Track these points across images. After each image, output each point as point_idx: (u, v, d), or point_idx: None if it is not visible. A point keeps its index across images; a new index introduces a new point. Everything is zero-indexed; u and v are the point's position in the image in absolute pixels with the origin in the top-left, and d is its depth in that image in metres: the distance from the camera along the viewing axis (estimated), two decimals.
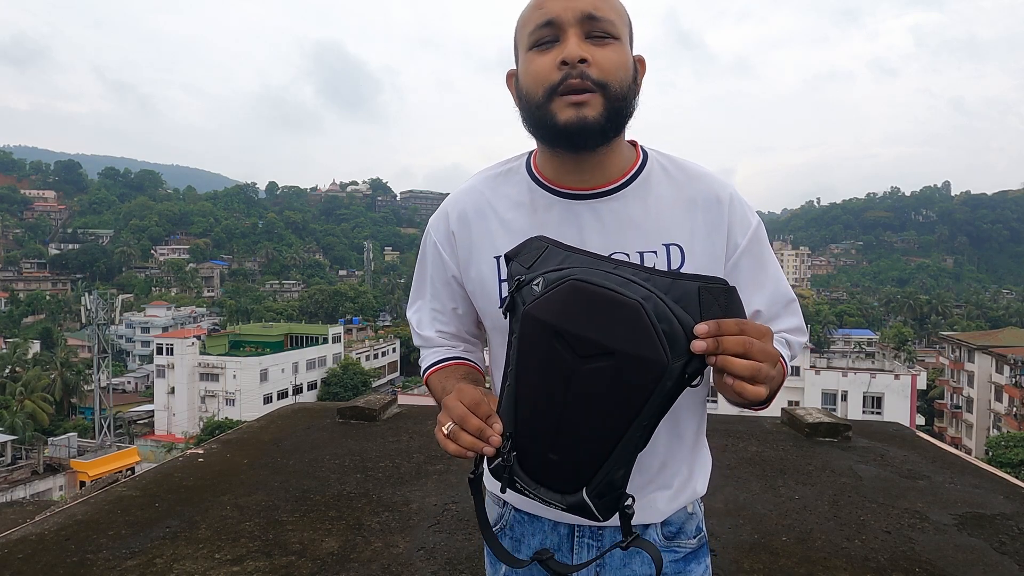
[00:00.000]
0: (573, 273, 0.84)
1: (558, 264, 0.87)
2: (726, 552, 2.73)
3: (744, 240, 1.07)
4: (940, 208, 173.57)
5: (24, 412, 35.11)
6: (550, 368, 0.83)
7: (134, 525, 2.91)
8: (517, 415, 0.86)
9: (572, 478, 0.84)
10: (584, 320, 0.80)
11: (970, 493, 3.40)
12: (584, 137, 0.97)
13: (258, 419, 4.92)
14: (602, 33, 0.98)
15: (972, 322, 74.17)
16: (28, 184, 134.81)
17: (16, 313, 78.64)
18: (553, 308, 0.83)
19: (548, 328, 0.82)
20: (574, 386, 0.81)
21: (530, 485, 0.87)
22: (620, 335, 0.79)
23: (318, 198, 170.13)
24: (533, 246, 0.92)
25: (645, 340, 0.78)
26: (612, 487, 0.83)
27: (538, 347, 0.84)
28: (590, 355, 0.80)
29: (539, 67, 0.98)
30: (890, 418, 17.03)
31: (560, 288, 0.83)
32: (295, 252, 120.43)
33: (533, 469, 0.87)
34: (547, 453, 0.84)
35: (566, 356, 0.81)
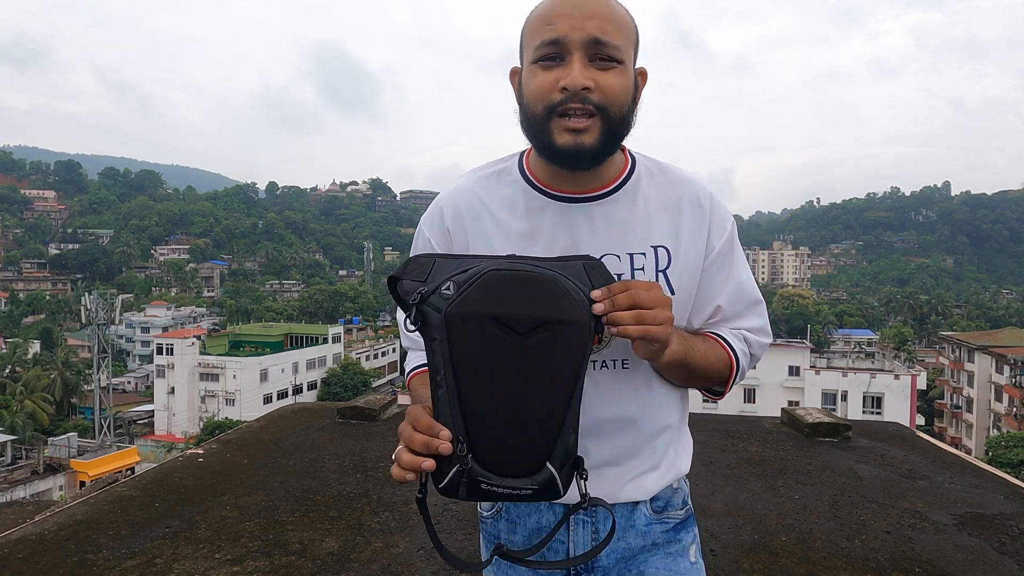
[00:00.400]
0: (483, 267, 0.88)
1: (456, 269, 0.90)
2: (726, 552, 2.74)
3: (719, 243, 1.13)
4: (940, 208, 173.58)
5: (24, 412, 35.11)
6: (493, 354, 0.85)
7: (134, 525, 2.91)
8: (465, 414, 0.86)
9: (535, 455, 0.87)
10: (513, 300, 0.85)
11: (970, 493, 3.40)
12: (579, 160, 1.02)
13: (258, 419, 4.92)
14: (607, 58, 0.99)
15: (972, 322, 74.17)
16: (28, 184, 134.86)
17: (16, 313, 78.64)
18: (479, 298, 0.85)
19: (480, 317, 0.85)
20: (523, 363, 0.85)
21: (495, 480, 0.86)
22: (549, 306, 0.86)
23: (318, 198, 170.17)
24: (420, 262, 0.93)
25: (570, 306, 0.87)
26: (568, 453, 0.89)
27: (473, 339, 0.85)
28: (529, 330, 0.85)
29: (541, 84, 1.00)
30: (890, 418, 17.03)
31: (481, 280, 0.86)
32: (295, 252, 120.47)
33: (494, 461, 0.87)
34: (507, 440, 0.86)
35: (506, 337, 0.84)
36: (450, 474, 0.86)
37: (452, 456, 0.85)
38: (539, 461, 0.87)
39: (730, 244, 1.14)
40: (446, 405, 0.86)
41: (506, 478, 0.87)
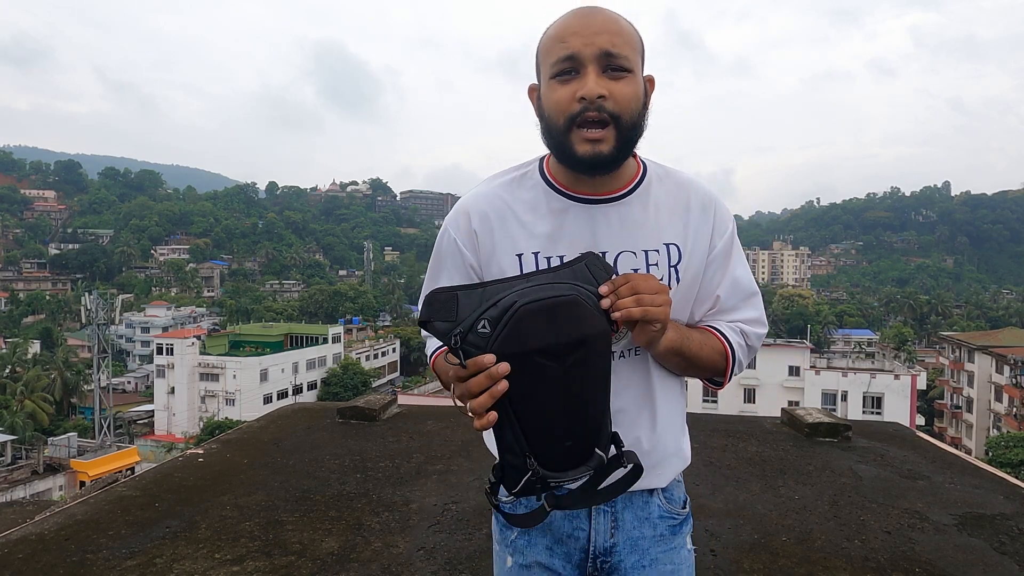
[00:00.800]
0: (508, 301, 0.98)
1: (483, 304, 0.99)
2: (726, 552, 2.74)
3: (721, 241, 1.25)
4: (940, 208, 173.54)
5: (24, 412, 35.12)
6: (544, 383, 0.98)
7: (134, 525, 2.91)
8: (526, 433, 1.00)
9: (587, 448, 1.03)
10: (548, 331, 0.97)
11: (970, 493, 3.40)
12: (598, 167, 1.13)
13: (258, 419, 4.92)
14: (618, 68, 1.10)
15: (972, 322, 74.17)
16: (28, 184, 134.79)
17: (16, 313, 78.63)
18: (519, 337, 0.96)
19: (528, 354, 0.96)
20: (567, 381, 0.98)
21: (560, 476, 1.02)
22: (579, 327, 0.99)
23: (318, 198, 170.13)
24: (441, 300, 1.01)
25: (594, 320, 1.01)
26: (608, 436, 1.06)
27: (523, 372, 0.96)
28: (568, 353, 0.98)
29: (560, 98, 1.11)
30: (890, 418, 17.04)
31: (515, 318, 0.97)
32: (295, 252, 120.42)
33: (556, 463, 1.02)
34: (563, 443, 1.01)
35: (553, 365, 0.97)
36: (523, 481, 1.01)
37: (521, 467, 1.01)
38: (590, 450, 1.03)
39: (730, 242, 1.26)
40: (507, 429, 1.00)
41: (567, 472, 1.03)
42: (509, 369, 0.95)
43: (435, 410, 5.14)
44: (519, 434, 1.00)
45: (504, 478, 1.04)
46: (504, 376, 0.96)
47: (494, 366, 0.95)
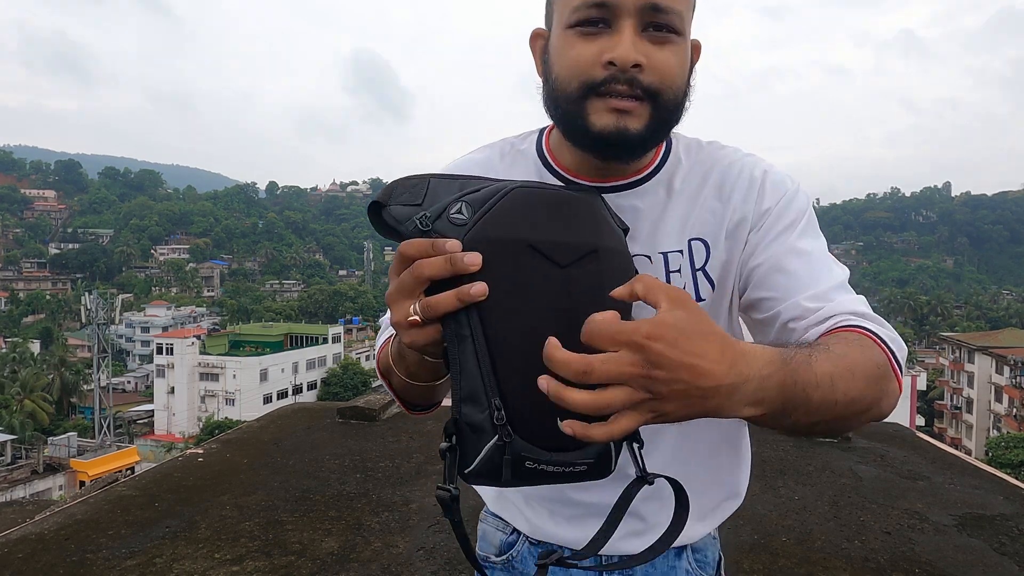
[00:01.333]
0: (506, 185, 0.70)
1: (462, 189, 0.71)
2: (726, 552, 2.73)
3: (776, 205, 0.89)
4: (940, 209, 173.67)
5: (24, 411, 35.14)
6: (530, 291, 0.66)
7: (134, 525, 2.91)
8: (499, 372, 0.64)
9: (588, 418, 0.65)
10: (553, 225, 0.69)
11: (970, 494, 3.40)
12: (620, 150, 0.82)
13: (258, 419, 4.93)
14: (664, 27, 0.79)
15: (972, 323, 74.22)
16: (28, 184, 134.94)
17: (16, 313, 78.67)
18: (507, 222, 0.67)
19: (512, 245, 0.66)
20: (569, 301, 0.67)
21: (542, 456, 0.66)
22: (594, 231, 0.71)
23: (318, 198, 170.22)
24: (410, 182, 0.74)
25: (614, 232, 0.74)
26: None
27: (506, 273, 0.65)
28: (574, 260, 0.68)
29: (579, 56, 0.79)
30: (890, 419, 17.02)
31: (507, 197, 0.68)
32: (295, 252, 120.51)
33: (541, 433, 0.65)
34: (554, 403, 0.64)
35: (548, 270, 0.67)
36: (483, 451, 0.64)
37: (484, 426, 0.64)
38: None
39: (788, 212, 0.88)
40: (473, 359, 0.64)
41: (555, 452, 0.66)
42: (479, 260, 0.63)
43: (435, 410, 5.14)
44: (489, 371, 0.64)
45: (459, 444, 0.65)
46: (473, 269, 0.63)
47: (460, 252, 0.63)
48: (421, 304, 0.64)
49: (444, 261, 0.63)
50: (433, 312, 0.63)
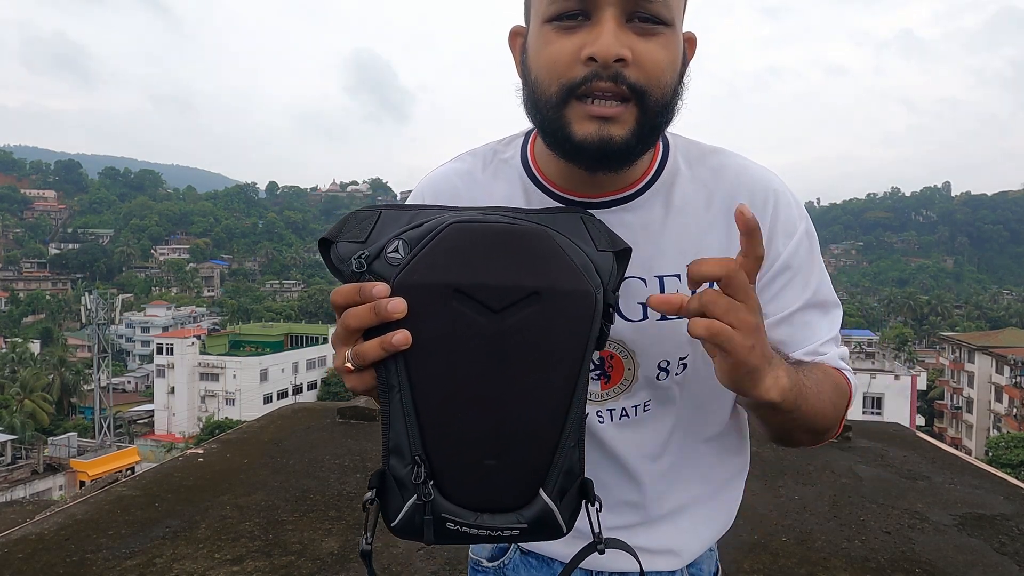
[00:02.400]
0: (445, 219, 0.64)
1: (408, 224, 0.66)
2: (726, 552, 2.73)
3: (788, 246, 0.85)
4: (940, 208, 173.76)
5: (24, 412, 35.15)
6: (459, 341, 0.61)
7: (134, 525, 2.91)
8: (423, 426, 0.61)
9: (524, 480, 0.63)
10: (487, 265, 0.61)
11: (970, 494, 3.40)
12: (605, 159, 0.74)
13: (258, 419, 4.93)
14: (651, 18, 0.72)
15: (972, 322, 74.27)
16: (28, 184, 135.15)
17: (16, 313, 78.73)
18: (438, 263, 0.61)
19: (440, 290, 0.61)
20: (502, 351, 0.61)
21: (467, 517, 0.62)
22: (537, 270, 0.62)
23: (318, 198, 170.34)
24: (360, 216, 0.69)
25: (566, 271, 0.63)
26: (572, 475, 0.64)
27: (432, 320, 0.61)
28: (509, 304, 0.61)
29: (557, 54, 0.72)
30: (890, 419, 17.04)
31: (440, 237, 0.62)
32: (295, 252, 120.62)
33: (466, 493, 0.62)
34: (482, 460, 0.62)
35: (477, 317, 0.61)
36: (404, 508, 0.62)
37: (406, 483, 0.61)
38: (529, 488, 0.63)
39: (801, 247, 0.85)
40: (399, 410, 0.62)
41: (483, 514, 0.62)
42: (404, 307, 0.59)
43: None
44: (413, 424, 0.61)
45: (383, 498, 0.63)
46: (397, 316, 0.59)
47: (386, 298, 0.60)
48: (352, 352, 0.62)
49: (369, 310, 0.60)
50: (362, 361, 0.61)
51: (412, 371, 0.61)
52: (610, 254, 0.68)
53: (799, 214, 0.86)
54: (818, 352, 0.86)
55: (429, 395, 0.62)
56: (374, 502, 0.63)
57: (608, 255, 0.68)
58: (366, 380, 0.63)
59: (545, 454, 0.63)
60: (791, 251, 0.84)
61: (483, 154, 0.91)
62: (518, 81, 0.81)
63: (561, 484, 0.63)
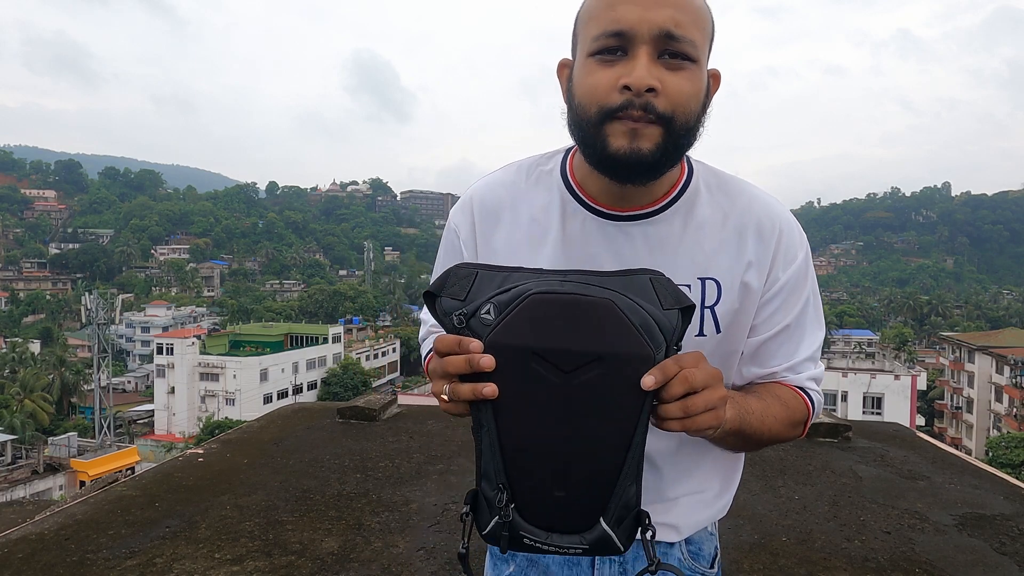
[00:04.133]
0: (528, 288, 0.77)
1: (499, 287, 0.80)
2: (726, 552, 2.73)
3: (786, 273, 0.98)
4: (940, 208, 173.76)
5: (24, 411, 35.15)
6: (536, 395, 0.75)
7: (134, 525, 2.91)
8: (506, 460, 0.77)
9: (586, 510, 0.77)
10: (559, 332, 0.75)
11: (970, 494, 3.40)
12: (635, 171, 0.87)
13: (258, 419, 4.93)
14: (679, 55, 0.85)
15: (972, 322, 74.24)
16: (28, 184, 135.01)
17: (16, 313, 78.69)
18: (520, 329, 0.75)
19: (521, 352, 0.75)
20: (570, 405, 0.75)
21: (540, 535, 0.78)
22: (601, 337, 0.75)
23: (318, 198, 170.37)
24: (460, 274, 0.83)
25: (626, 336, 0.75)
26: (628, 507, 0.78)
27: (515, 377, 0.75)
28: (577, 367, 0.74)
29: (598, 83, 0.86)
30: (890, 418, 17.05)
31: (522, 306, 0.76)
32: (295, 252, 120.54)
33: (539, 515, 0.77)
34: (552, 491, 0.77)
35: (550, 376, 0.75)
36: (491, 524, 0.78)
37: (493, 503, 0.78)
38: (592, 516, 0.77)
39: (799, 275, 0.98)
40: (488, 445, 0.78)
41: (552, 534, 0.78)
42: (492, 363, 0.74)
43: (435, 410, 5.14)
44: (498, 458, 0.77)
45: (475, 510, 0.81)
46: (487, 370, 0.74)
47: (478, 354, 0.75)
48: (449, 388, 0.79)
49: (464, 361, 0.76)
50: (456, 397, 0.78)
51: (498, 416, 0.77)
52: (675, 311, 0.78)
53: (800, 243, 0.99)
54: (795, 369, 1.00)
55: (511, 436, 0.77)
56: (469, 515, 0.80)
57: (673, 312, 0.78)
58: (459, 407, 0.80)
59: (605, 490, 0.76)
60: (788, 277, 0.98)
61: (527, 166, 1.04)
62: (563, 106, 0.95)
63: (619, 514, 0.77)
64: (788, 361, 1.00)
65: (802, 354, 1.00)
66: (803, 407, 1.00)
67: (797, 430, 1.00)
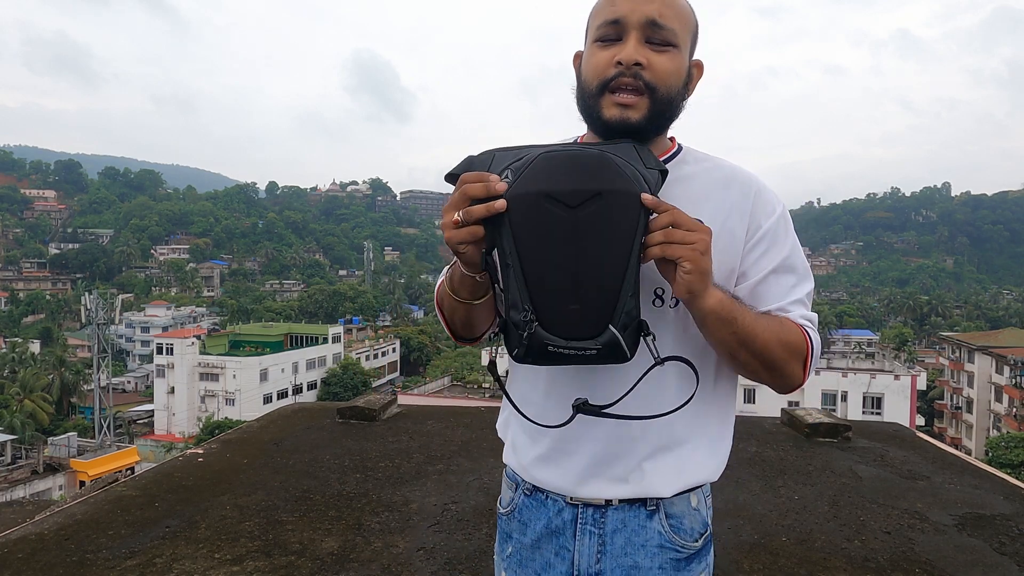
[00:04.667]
0: (537, 152, 0.95)
1: (514, 158, 0.97)
2: (726, 552, 2.73)
3: (768, 222, 1.13)
4: (940, 208, 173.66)
5: (24, 411, 35.14)
6: (551, 228, 0.92)
7: (134, 525, 2.91)
8: (529, 286, 0.94)
9: (597, 318, 0.93)
10: (565, 178, 0.92)
11: (970, 494, 3.40)
12: (625, 135, 1.06)
13: (258, 419, 4.92)
14: (662, 41, 1.05)
15: (972, 322, 74.21)
16: (28, 184, 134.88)
17: (16, 313, 78.64)
18: (534, 179, 0.92)
19: (536, 196, 0.92)
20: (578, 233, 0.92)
21: (560, 343, 0.93)
22: (597, 178, 0.92)
23: (318, 198, 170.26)
24: (480, 158, 1.00)
25: (618, 177, 0.93)
26: (631, 316, 0.94)
27: (532, 217, 0.92)
28: (581, 202, 0.91)
29: (598, 61, 1.07)
30: (890, 419, 17.03)
31: (533, 164, 0.94)
32: (295, 252, 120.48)
33: (559, 326, 0.93)
34: (568, 306, 0.93)
35: (560, 212, 0.92)
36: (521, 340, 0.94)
37: (520, 324, 0.93)
38: (601, 324, 0.93)
39: (778, 224, 1.13)
40: (513, 280, 0.94)
41: (571, 340, 0.93)
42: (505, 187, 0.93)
43: (435, 410, 5.14)
44: (523, 286, 0.94)
45: (507, 337, 0.97)
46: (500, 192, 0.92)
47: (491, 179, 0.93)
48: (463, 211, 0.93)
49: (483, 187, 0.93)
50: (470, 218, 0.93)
51: (520, 252, 0.93)
52: (655, 171, 0.98)
53: (777, 200, 1.15)
54: (784, 309, 1.10)
55: (532, 266, 0.94)
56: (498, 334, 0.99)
57: (654, 172, 0.98)
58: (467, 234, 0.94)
59: (611, 302, 0.93)
60: (770, 226, 1.12)
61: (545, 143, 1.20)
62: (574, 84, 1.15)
63: (624, 322, 0.94)
64: (779, 302, 1.10)
65: (793, 296, 1.11)
66: (800, 335, 1.07)
67: (796, 361, 1.07)
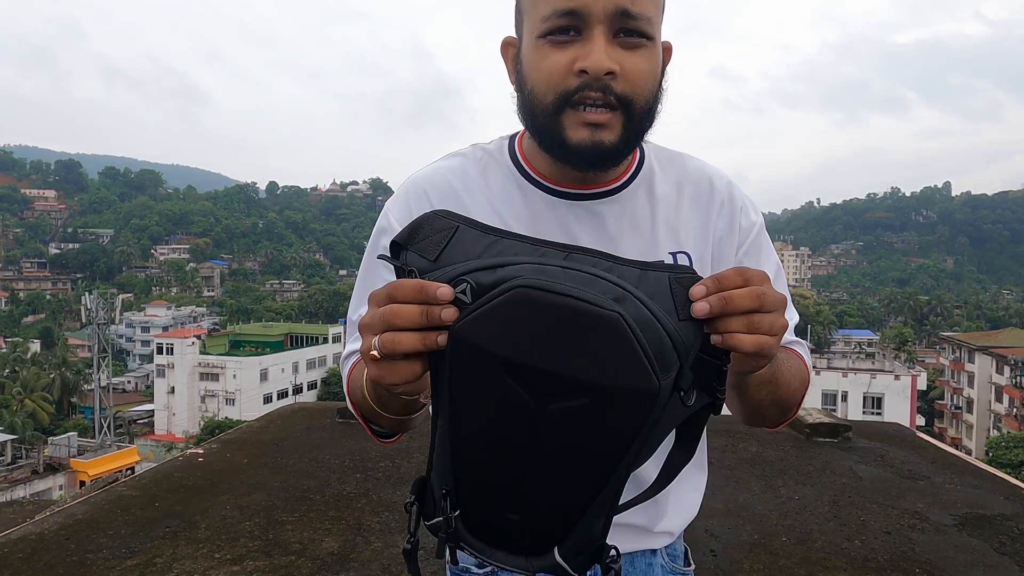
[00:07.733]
0: (517, 274, 0.60)
1: (482, 252, 0.63)
2: (726, 552, 2.74)
3: (748, 241, 0.96)
4: (940, 208, 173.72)
5: (24, 411, 35.16)
6: (502, 411, 0.61)
7: (134, 525, 2.91)
8: (457, 466, 0.65)
9: (540, 538, 0.65)
10: (545, 347, 0.58)
11: (970, 494, 3.40)
12: (596, 163, 0.82)
13: (258, 419, 4.93)
14: (635, 33, 0.78)
15: (972, 322, 74.25)
16: (28, 183, 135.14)
17: (16, 313, 78.69)
18: (498, 331, 0.59)
19: (495, 360, 0.59)
20: (538, 433, 0.60)
21: (483, 550, 0.67)
22: (597, 363, 0.58)
23: (318, 198, 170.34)
24: (436, 226, 0.65)
25: (629, 365, 0.58)
26: (591, 540, 0.65)
27: (482, 384, 0.61)
28: (556, 392, 0.59)
29: (552, 67, 0.79)
30: (890, 419, 17.05)
31: (504, 300, 0.59)
32: (295, 252, 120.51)
33: (485, 532, 0.66)
34: (504, 513, 0.65)
35: (524, 397, 0.60)
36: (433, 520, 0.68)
37: (438, 506, 0.66)
38: (544, 546, 0.65)
39: (758, 240, 0.97)
40: (440, 440, 0.65)
41: (497, 551, 0.67)
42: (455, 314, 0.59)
43: None
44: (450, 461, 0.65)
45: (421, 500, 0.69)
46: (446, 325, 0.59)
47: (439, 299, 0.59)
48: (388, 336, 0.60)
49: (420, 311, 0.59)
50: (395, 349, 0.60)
51: (455, 418, 0.63)
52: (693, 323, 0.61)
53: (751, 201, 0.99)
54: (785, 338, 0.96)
55: (465, 443, 0.64)
56: (415, 505, 0.69)
57: (690, 324, 0.61)
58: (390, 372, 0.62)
59: (566, 524, 0.64)
60: (755, 235, 0.97)
61: (470, 154, 0.96)
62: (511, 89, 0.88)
63: (576, 548, 0.65)
64: None
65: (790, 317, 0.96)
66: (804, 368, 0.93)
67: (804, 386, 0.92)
